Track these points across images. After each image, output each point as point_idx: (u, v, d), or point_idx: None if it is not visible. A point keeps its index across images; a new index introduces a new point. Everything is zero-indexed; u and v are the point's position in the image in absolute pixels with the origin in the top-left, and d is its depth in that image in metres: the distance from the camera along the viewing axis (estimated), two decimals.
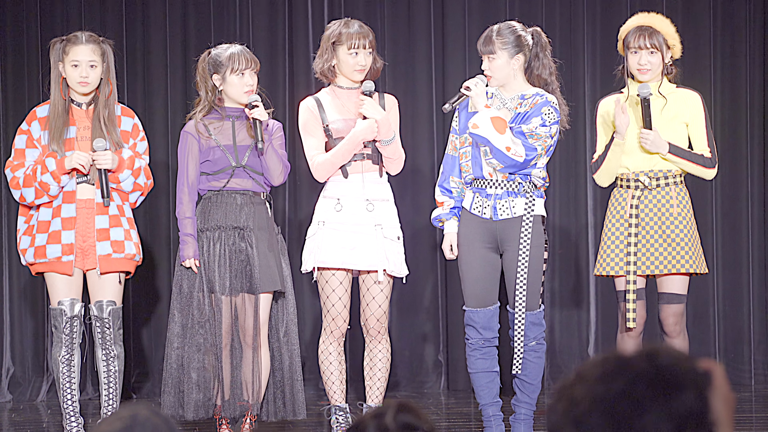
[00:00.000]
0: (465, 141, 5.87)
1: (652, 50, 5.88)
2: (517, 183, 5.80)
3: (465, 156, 5.86)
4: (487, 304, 5.83)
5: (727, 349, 8.02)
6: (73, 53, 5.90)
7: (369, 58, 6.01)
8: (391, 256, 5.99)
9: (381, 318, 6.02)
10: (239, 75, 5.91)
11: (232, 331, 5.93)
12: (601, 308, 7.97)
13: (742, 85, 8.02)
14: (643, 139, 5.85)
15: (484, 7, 7.95)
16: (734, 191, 8.03)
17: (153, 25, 7.92)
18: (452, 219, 5.90)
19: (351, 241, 5.95)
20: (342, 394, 6.08)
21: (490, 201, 5.81)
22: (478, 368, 5.87)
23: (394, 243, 6.02)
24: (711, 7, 8.01)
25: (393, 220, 6.05)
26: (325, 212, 6.01)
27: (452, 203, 5.89)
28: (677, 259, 5.88)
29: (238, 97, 5.93)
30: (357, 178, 6.00)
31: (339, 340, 6.06)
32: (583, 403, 2.01)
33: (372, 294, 6.01)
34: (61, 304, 5.96)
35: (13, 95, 7.87)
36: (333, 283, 5.99)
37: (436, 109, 7.93)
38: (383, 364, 6.08)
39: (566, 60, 7.99)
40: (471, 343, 5.87)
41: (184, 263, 5.92)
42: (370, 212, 5.99)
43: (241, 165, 5.94)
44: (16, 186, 5.95)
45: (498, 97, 5.86)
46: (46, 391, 7.82)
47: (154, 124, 7.81)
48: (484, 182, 5.82)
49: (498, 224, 5.81)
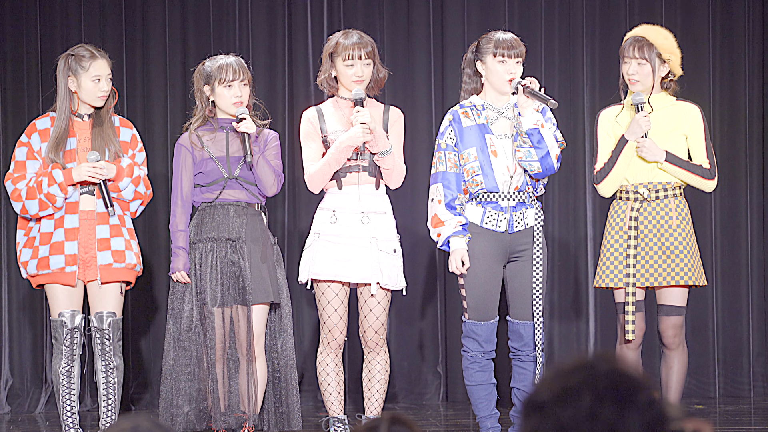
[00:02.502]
0: (469, 156, 5.81)
1: (640, 61, 5.89)
2: (526, 194, 5.81)
3: (472, 171, 5.81)
4: (490, 318, 5.82)
5: (726, 360, 8.02)
6: (94, 68, 5.96)
7: (367, 69, 5.99)
8: (386, 269, 5.96)
9: (379, 330, 6.01)
10: (227, 86, 5.93)
11: (226, 343, 5.93)
12: (600, 320, 7.96)
13: (740, 97, 8.02)
14: (639, 147, 5.85)
15: (483, 18, 7.96)
16: (733, 203, 8.03)
17: (152, 37, 7.92)
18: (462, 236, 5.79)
19: (345, 253, 5.94)
20: (340, 405, 6.07)
21: (506, 214, 5.79)
22: (477, 381, 5.86)
23: (389, 256, 5.98)
24: (710, 19, 8.02)
25: (389, 233, 6.01)
26: (321, 224, 6.00)
27: (463, 221, 5.78)
28: (676, 271, 5.87)
29: (226, 108, 5.96)
30: (353, 189, 5.98)
31: (336, 352, 6.05)
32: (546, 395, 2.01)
33: (369, 306, 6.00)
34: (61, 316, 5.97)
35: (13, 107, 7.88)
36: (329, 295, 5.98)
37: (435, 118, 7.93)
38: (381, 375, 6.07)
39: (565, 71, 8.00)
40: (470, 356, 5.85)
41: (173, 275, 5.94)
42: (365, 225, 5.96)
43: (233, 176, 5.95)
44: (18, 198, 5.96)
45: (491, 108, 5.85)
46: (45, 402, 7.82)
47: (153, 136, 7.81)
48: (496, 195, 5.81)
49: (512, 236, 5.81)
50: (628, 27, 6.87)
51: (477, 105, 5.86)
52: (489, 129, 5.83)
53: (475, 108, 5.86)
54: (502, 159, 5.79)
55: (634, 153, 5.89)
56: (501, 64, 5.78)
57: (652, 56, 5.89)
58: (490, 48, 5.80)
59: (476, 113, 5.85)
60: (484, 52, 5.81)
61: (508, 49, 5.78)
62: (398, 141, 6.05)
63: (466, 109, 5.86)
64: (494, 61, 5.78)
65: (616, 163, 5.90)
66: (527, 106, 5.72)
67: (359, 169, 5.97)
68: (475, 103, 5.86)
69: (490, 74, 5.81)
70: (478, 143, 5.80)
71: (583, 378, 2.01)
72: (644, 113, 5.84)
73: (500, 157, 5.80)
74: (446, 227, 5.78)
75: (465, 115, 5.85)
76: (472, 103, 5.87)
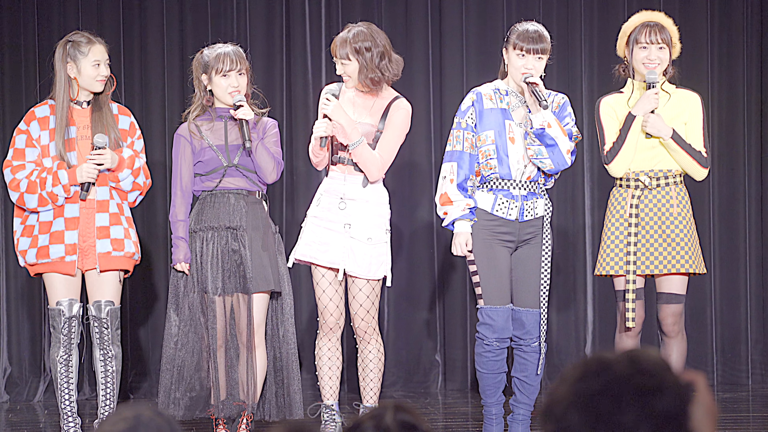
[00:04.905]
0: (486, 139, 5.78)
1: (661, 45, 5.87)
2: (537, 184, 5.81)
3: (487, 154, 5.78)
4: (504, 302, 5.80)
5: (725, 348, 8.03)
6: (93, 53, 5.98)
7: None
8: (358, 258, 5.94)
9: (365, 318, 6.01)
10: (224, 76, 5.92)
11: (227, 332, 5.93)
12: (598, 308, 7.97)
13: (739, 86, 8.02)
14: (645, 122, 5.83)
15: (482, 8, 7.94)
16: (731, 192, 8.03)
17: (150, 26, 7.91)
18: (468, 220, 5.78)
19: (323, 236, 5.98)
20: (331, 391, 6.07)
21: (518, 202, 5.78)
22: (489, 369, 5.82)
23: (361, 244, 5.95)
24: (708, 8, 8.01)
25: (367, 222, 5.97)
26: (312, 207, 6.07)
27: (472, 203, 5.76)
28: (677, 259, 5.87)
29: (223, 98, 5.96)
30: (339, 176, 6.00)
31: (329, 336, 6.05)
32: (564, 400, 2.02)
33: (352, 293, 6.03)
34: (59, 305, 5.96)
35: (11, 95, 7.86)
36: (317, 277, 6.04)
37: (434, 109, 7.92)
38: (375, 364, 6.08)
39: (563, 59, 7.99)
40: (486, 343, 5.79)
41: (174, 266, 5.94)
42: (341, 210, 5.97)
43: (232, 164, 5.95)
44: (16, 188, 5.95)
45: (514, 94, 5.84)
46: (43, 391, 7.82)
47: (151, 125, 7.80)
48: (509, 183, 5.80)
49: (521, 225, 5.80)
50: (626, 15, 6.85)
51: (501, 89, 5.84)
52: (510, 115, 5.81)
53: (499, 92, 5.83)
54: (519, 147, 5.78)
55: (641, 133, 5.86)
56: (520, 57, 5.73)
57: (668, 40, 5.88)
58: (513, 38, 5.76)
59: (499, 97, 5.83)
60: (509, 41, 5.78)
61: (529, 43, 5.72)
62: (390, 131, 5.99)
63: (490, 92, 5.83)
64: (514, 54, 5.74)
65: (625, 141, 5.86)
66: (534, 103, 5.71)
67: (347, 161, 5.98)
68: (499, 88, 5.84)
69: (510, 65, 5.78)
70: (497, 127, 5.78)
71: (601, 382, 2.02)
72: (654, 91, 5.82)
73: (517, 145, 5.78)
74: (455, 208, 5.77)
75: (488, 97, 5.82)
76: (497, 87, 5.85)
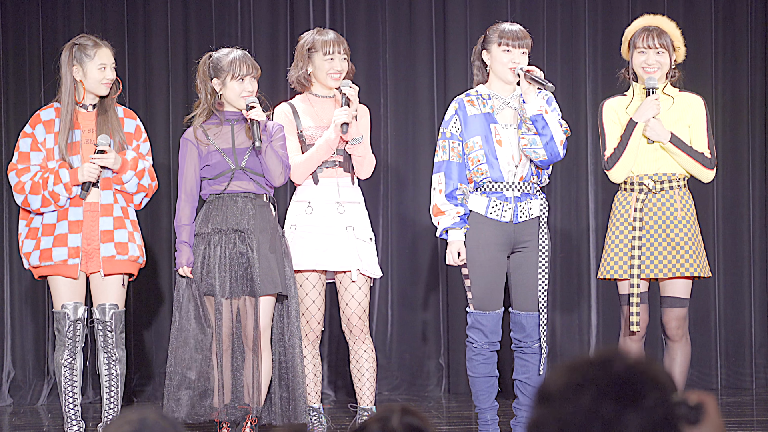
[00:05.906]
0: (474, 145, 5.81)
1: (660, 50, 5.88)
2: (531, 184, 5.82)
3: (477, 160, 5.81)
4: (495, 307, 5.82)
5: (728, 352, 8.02)
6: (99, 56, 5.99)
7: (344, 64, 6.12)
8: (364, 257, 6.06)
9: (362, 316, 6.08)
10: (239, 81, 5.94)
11: (233, 335, 5.93)
12: (602, 312, 7.96)
13: (743, 88, 8.01)
14: (645, 127, 5.83)
15: (486, 10, 7.94)
16: (735, 195, 8.02)
17: (154, 29, 7.91)
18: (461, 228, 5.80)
19: (323, 243, 6.04)
20: (316, 395, 6.12)
21: (511, 204, 5.80)
22: (480, 373, 5.85)
23: (366, 244, 6.09)
24: (712, 10, 8.00)
25: (364, 222, 6.12)
26: (296, 216, 6.11)
27: (462, 211, 5.79)
28: (681, 263, 5.86)
29: (235, 102, 5.97)
30: (330, 182, 6.08)
31: (314, 344, 6.12)
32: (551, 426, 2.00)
33: (350, 293, 6.07)
34: (64, 308, 5.97)
35: (15, 98, 7.87)
36: (306, 287, 6.07)
37: (438, 111, 7.92)
38: (369, 364, 6.12)
39: (567, 62, 7.99)
40: (475, 347, 5.84)
41: (178, 271, 5.95)
42: (341, 214, 6.08)
43: (240, 167, 5.96)
44: (21, 191, 5.96)
45: (497, 97, 5.86)
46: (47, 394, 7.82)
47: (155, 127, 7.80)
48: (501, 185, 5.81)
49: (516, 227, 5.80)
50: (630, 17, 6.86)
51: (483, 94, 5.86)
52: (494, 118, 5.83)
53: (481, 97, 5.86)
54: (507, 149, 5.80)
55: (642, 138, 5.86)
56: (506, 53, 5.79)
57: (668, 44, 5.88)
58: (495, 37, 5.82)
59: (482, 102, 5.85)
60: (490, 41, 5.83)
61: (513, 39, 5.79)
62: (366, 134, 6.14)
63: (472, 97, 5.87)
64: (499, 50, 5.80)
65: (626, 147, 5.86)
66: (530, 92, 5.74)
67: (336, 164, 6.08)
68: (480, 92, 5.87)
69: (494, 63, 5.83)
70: (483, 132, 5.81)
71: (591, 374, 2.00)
72: (654, 97, 5.82)
73: (505, 147, 5.80)
74: (445, 217, 5.81)
75: (470, 103, 5.85)
76: (478, 92, 5.88)
